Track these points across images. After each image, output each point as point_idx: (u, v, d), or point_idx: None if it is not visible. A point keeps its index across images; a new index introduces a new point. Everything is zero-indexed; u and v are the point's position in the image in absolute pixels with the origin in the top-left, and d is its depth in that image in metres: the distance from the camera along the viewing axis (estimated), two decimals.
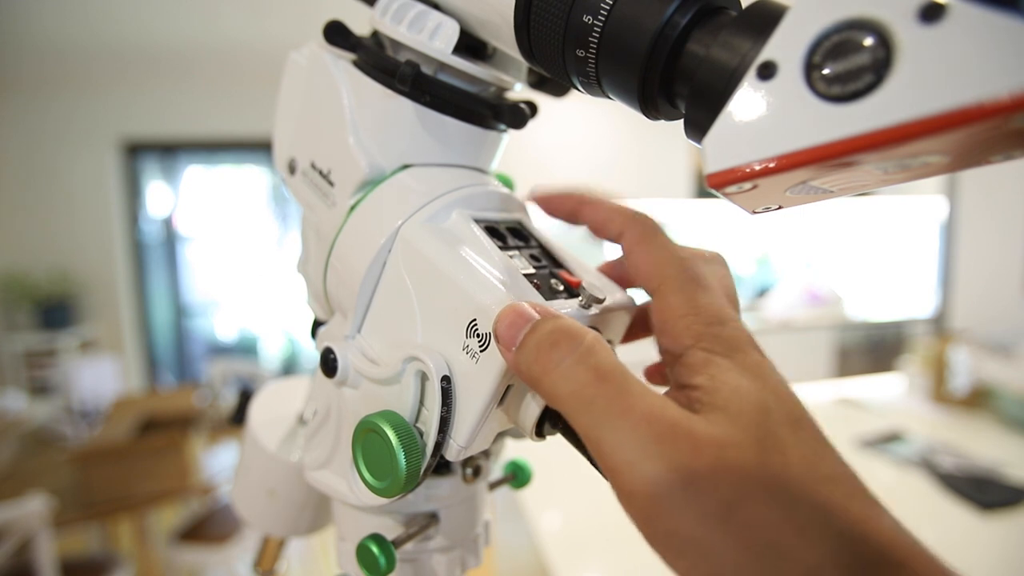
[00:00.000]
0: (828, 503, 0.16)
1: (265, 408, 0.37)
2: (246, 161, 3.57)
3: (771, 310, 2.75)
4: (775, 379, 0.18)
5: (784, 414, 0.17)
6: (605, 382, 0.17)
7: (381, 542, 0.25)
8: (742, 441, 0.16)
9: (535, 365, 0.18)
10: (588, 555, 0.83)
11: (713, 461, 0.16)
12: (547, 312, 0.19)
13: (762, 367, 0.18)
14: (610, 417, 0.17)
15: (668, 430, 0.16)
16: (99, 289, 3.23)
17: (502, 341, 0.19)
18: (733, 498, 0.15)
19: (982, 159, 0.14)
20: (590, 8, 0.19)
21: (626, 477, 0.16)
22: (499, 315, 0.20)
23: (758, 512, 0.15)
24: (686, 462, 0.16)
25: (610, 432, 0.16)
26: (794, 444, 0.16)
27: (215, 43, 2.74)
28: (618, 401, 0.17)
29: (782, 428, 0.17)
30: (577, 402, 0.17)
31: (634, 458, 0.16)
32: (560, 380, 0.18)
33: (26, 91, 3.04)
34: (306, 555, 2.05)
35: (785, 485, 0.16)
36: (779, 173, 0.14)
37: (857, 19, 0.13)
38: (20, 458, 1.79)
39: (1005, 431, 1.27)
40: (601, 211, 0.24)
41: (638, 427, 0.16)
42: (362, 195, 0.25)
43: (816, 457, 0.17)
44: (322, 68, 0.26)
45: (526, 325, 0.19)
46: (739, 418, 0.17)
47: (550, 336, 0.18)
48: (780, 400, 0.17)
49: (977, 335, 1.70)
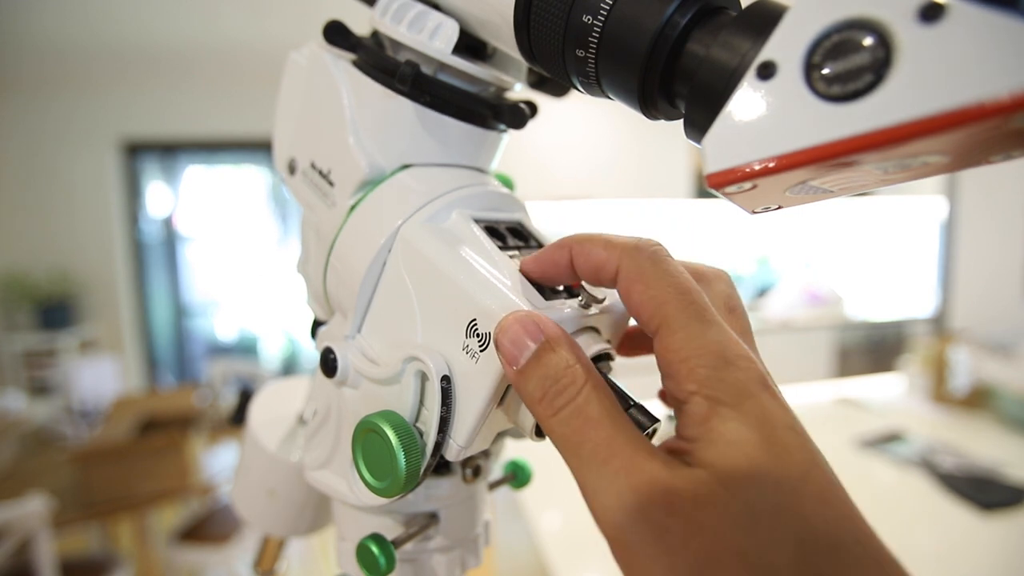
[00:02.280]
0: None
1: (265, 408, 0.37)
2: (246, 161, 3.57)
3: (771, 310, 2.75)
4: (781, 430, 0.17)
5: (783, 472, 0.16)
6: (596, 429, 0.18)
7: (381, 542, 0.25)
8: (722, 502, 0.15)
9: (538, 406, 0.19)
10: (588, 555, 0.83)
11: (686, 519, 0.15)
12: (549, 329, 0.19)
13: (768, 416, 0.17)
14: (594, 464, 0.17)
15: (646, 483, 0.16)
16: (99, 289, 3.23)
17: (505, 356, 0.19)
18: (705, 561, 0.15)
19: (982, 159, 0.14)
20: (590, 8, 0.19)
21: (603, 523, 0.17)
22: (501, 326, 0.20)
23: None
24: (658, 517, 0.16)
25: (592, 478, 0.17)
26: (788, 508, 0.15)
27: (215, 43, 2.74)
28: (604, 449, 0.17)
29: (779, 490, 0.16)
30: (567, 445, 0.18)
31: (610, 505, 0.17)
32: (556, 424, 0.18)
33: (26, 91, 3.04)
34: (306, 555, 2.05)
35: (767, 556, 0.15)
36: (779, 173, 0.14)
37: (857, 19, 0.13)
38: (20, 458, 1.79)
39: (1005, 431, 1.27)
40: (593, 249, 0.21)
41: (617, 477, 0.17)
42: (362, 195, 0.25)
43: (817, 520, 0.15)
44: (322, 68, 0.26)
45: (530, 344, 0.19)
46: (726, 477, 0.16)
47: (555, 378, 0.19)
48: (783, 454, 0.16)
49: (977, 335, 1.70)
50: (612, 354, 0.24)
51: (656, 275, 0.20)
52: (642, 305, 0.19)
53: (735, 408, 0.17)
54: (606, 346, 0.23)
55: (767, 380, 0.18)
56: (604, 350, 0.23)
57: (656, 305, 0.19)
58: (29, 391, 2.86)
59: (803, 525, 0.15)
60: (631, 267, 0.20)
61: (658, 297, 0.19)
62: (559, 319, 0.21)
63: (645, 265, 0.20)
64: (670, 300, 0.19)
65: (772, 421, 0.17)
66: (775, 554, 0.15)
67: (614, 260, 0.20)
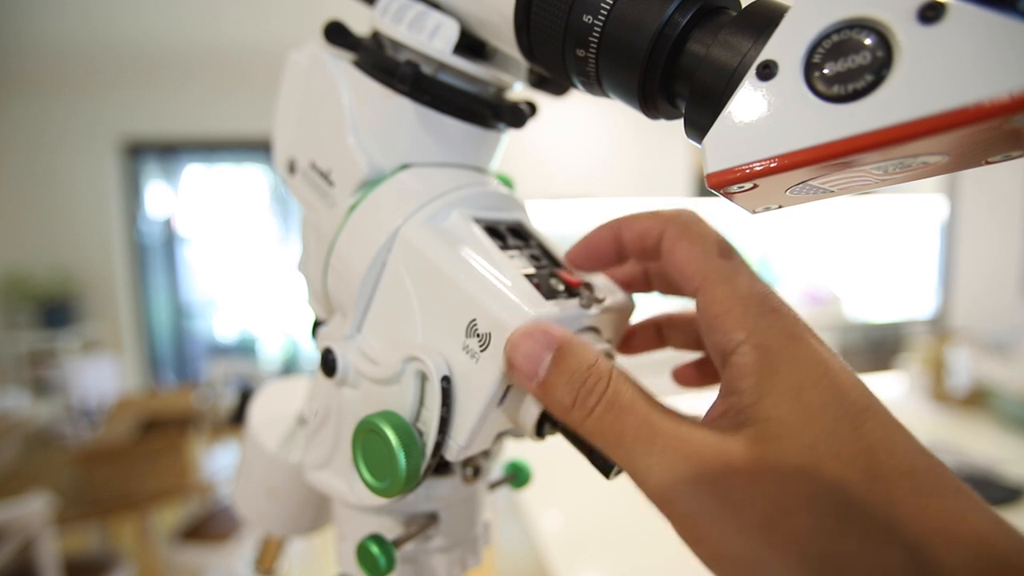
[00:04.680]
0: (895, 506, 0.14)
1: (265, 408, 0.37)
2: (246, 161, 3.57)
3: None
4: (835, 370, 0.17)
5: (843, 409, 0.16)
6: (632, 415, 0.17)
7: (381, 542, 0.25)
8: (783, 450, 0.15)
9: (572, 413, 0.18)
10: (588, 555, 0.83)
11: (747, 476, 0.15)
12: (559, 334, 0.19)
13: (820, 358, 0.17)
14: (639, 447, 0.17)
15: (696, 451, 0.16)
16: (99, 289, 3.23)
17: (523, 373, 0.19)
18: (774, 510, 0.15)
19: (982, 159, 0.14)
20: (590, 8, 0.19)
21: (661, 501, 0.16)
22: (511, 343, 0.19)
23: (804, 523, 0.14)
24: (717, 480, 0.15)
25: (641, 461, 0.17)
26: (853, 441, 0.15)
27: (215, 43, 2.74)
28: (645, 431, 0.17)
29: (840, 425, 0.15)
30: (608, 439, 0.18)
31: (664, 481, 0.16)
32: (593, 423, 0.18)
33: (26, 91, 3.04)
34: (306, 555, 2.05)
35: (838, 490, 0.14)
36: (779, 173, 0.14)
37: (857, 19, 0.13)
38: (22, 457, 1.79)
39: (1004, 430, 1.27)
40: (637, 223, 0.23)
41: (665, 453, 0.16)
42: (362, 195, 0.25)
43: (884, 453, 0.15)
44: (322, 68, 0.26)
45: (545, 355, 0.19)
46: (784, 425, 0.16)
47: (581, 379, 0.18)
48: (840, 393, 0.16)
49: (976, 335, 1.70)
50: (613, 354, 0.24)
51: (699, 234, 0.21)
52: (686, 261, 0.20)
53: (785, 353, 0.17)
54: (607, 346, 0.23)
55: (811, 329, 0.18)
56: (605, 350, 0.23)
57: (700, 260, 0.20)
58: (31, 391, 2.86)
59: (870, 458, 0.15)
60: (675, 228, 0.21)
61: (701, 253, 0.20)
62: (560, 319, 0.21)
63: (689, 225, 0.21)
64: (712, 255, 0.20)
65: (825, 362, 0.17)
66: (845, 490, 0.14)
67: (659, 225, 0.22)
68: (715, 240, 0.21)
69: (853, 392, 0.16)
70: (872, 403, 0.16)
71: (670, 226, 0.22)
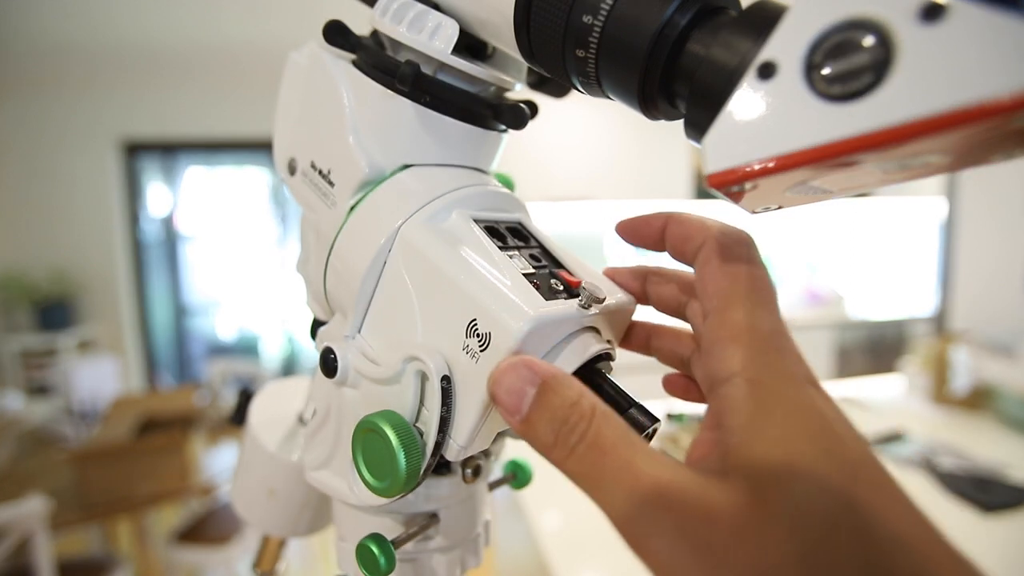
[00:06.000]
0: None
1: (265, 408, 0.37)
2: (246, 161, 3.57)
3: None
4: (831, 420, 0.16)
5: (836, 466, 0.15)
6: (613, 457, 0.17)
7: (381, 542, 0.25)
8: (768, 508, 0.15)
9: (553, 452, 0.18)
10: (588, 555, 0.83)
11: (728, 532, 0.15)
12: (543, 369, 0.19)
13: (817, 407, 0.16)
14: (619, 492, 0.16)
15: (677, 501, 0.15)
16: (99, 289, 3.23)
17: (505, 408, 0.19)
18: (756, 572, 0.14)
19: (982, 159, 0.14)
20: (590, 8, 0.19)
21: (641, 550, 0.16)
22: (494, 378, 0.19)
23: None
24: (697, 534, 0.15)
25: (621, 507, 0.16)
26: (845, 504, 0.14)
27: (215, 43, 2.74)
28: (626, 475, 0.16)
29: (832, 482, 0.15)
30: (588, 480, 0.17)
31: (646, 531, 0.16)
32: (574, 464, 0.18)
33: (26, 91, 3.04)
34: (306, 555, 2.05)
35: (825, 556, 0.14)
36: (779, 173, 0.14)
37: (857, 19, 0.13)
38: (19, 458, 1.79)
39: (1006, 431, 1.27)
40: (687, 224, 0.22)
41: (647, 499, 0.16)
42: (362, 195, 0.25)
43: (882, 520, 0.14)
44: (322, 68, 0.26)
45: (528, 390, 0.18)
46: (772, 477, 0.15)
47: (563, 418, 0.18)
48: (833, 447, 0.15)
49: (978, 335, 1.70)
50: (612, 354, 0.24)
51: (737, 256, 0.20)
52: (713, 279, 0.20)
53: (781, 396, 0.16)
54: (606, 346, 0.23)
55: (815, 378, 0.17)
56: (604, 350, 0.23)
57: (726, 282, 0.19)
58: (28, 391, 2.86)
59: (864, 526, 0.14)
60: (717, 243, 0.21)
61: (730, 275, 0.19)
62: (559, 318, 0.21)
63: (731, 246, 0.21)
64: (739, 280, 0.19)
65: (821, 413, 0.16)
66: (835, 557, 0.14)
67: (704, 234, 0.21)
68: (750, 267, 0.20)
69: (848, 447, 0.16)
70: (866, 461, 0.16)
71: (713, 239, 0.21)
